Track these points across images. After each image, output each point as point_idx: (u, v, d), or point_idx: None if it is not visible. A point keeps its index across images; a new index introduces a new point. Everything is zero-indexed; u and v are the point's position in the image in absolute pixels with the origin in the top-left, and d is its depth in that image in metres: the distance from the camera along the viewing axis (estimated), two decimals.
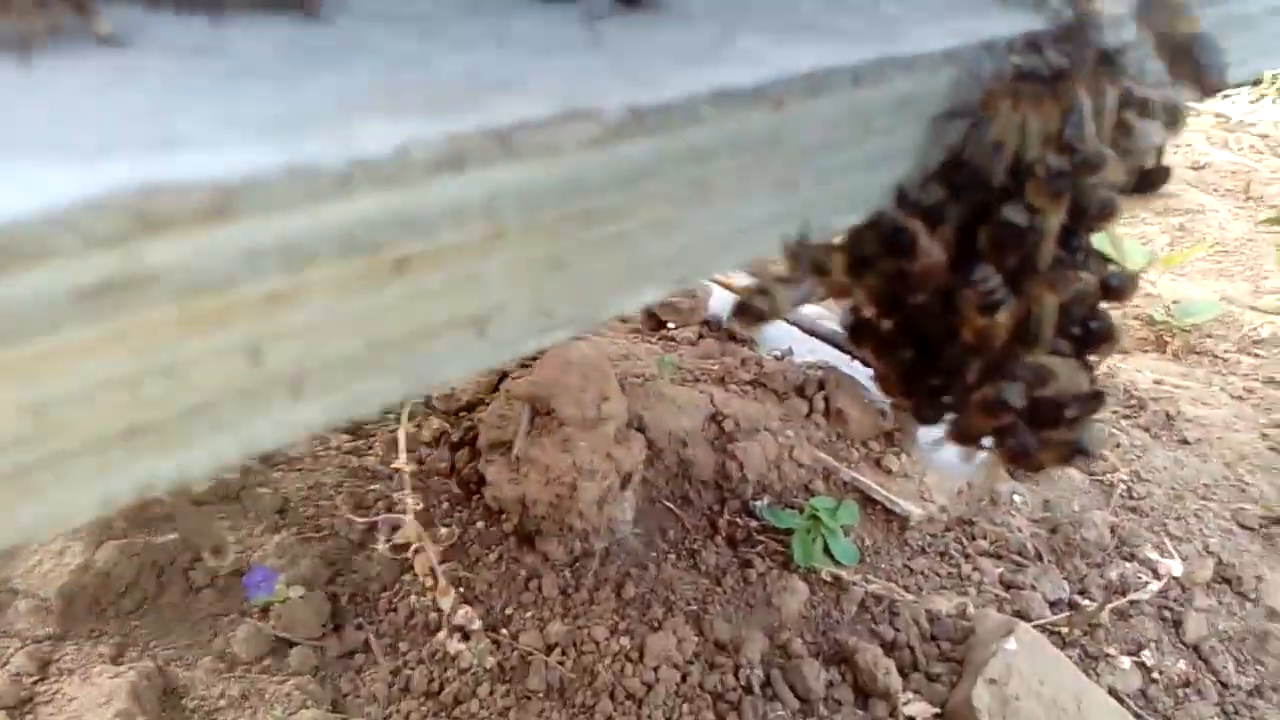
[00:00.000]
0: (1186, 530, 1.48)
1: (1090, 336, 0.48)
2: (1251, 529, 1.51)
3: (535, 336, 0.31)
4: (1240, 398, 1.87)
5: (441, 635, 1.19)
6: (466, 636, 1.20)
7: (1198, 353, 2.01)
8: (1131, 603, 1.31)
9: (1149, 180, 0.49)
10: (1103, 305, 0.49)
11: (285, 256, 0.23)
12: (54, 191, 0.20)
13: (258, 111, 0.25)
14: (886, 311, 0.48)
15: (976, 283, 0.44)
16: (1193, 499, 1.55)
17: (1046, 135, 0.43)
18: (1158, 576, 1.36)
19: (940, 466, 1.49)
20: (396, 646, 1.19)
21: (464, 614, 1.20)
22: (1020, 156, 0.43)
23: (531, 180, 0.27)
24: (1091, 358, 0.50)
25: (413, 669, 1.16)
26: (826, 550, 1.36)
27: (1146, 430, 1.70)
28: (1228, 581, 1.39)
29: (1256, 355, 2.01)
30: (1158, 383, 1.85)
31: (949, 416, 0.51)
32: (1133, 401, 1.77)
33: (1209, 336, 2.05)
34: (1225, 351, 2.00)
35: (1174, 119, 0.47)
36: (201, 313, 0.23)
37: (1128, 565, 1.39)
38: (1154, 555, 1.41)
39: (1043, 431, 0.46)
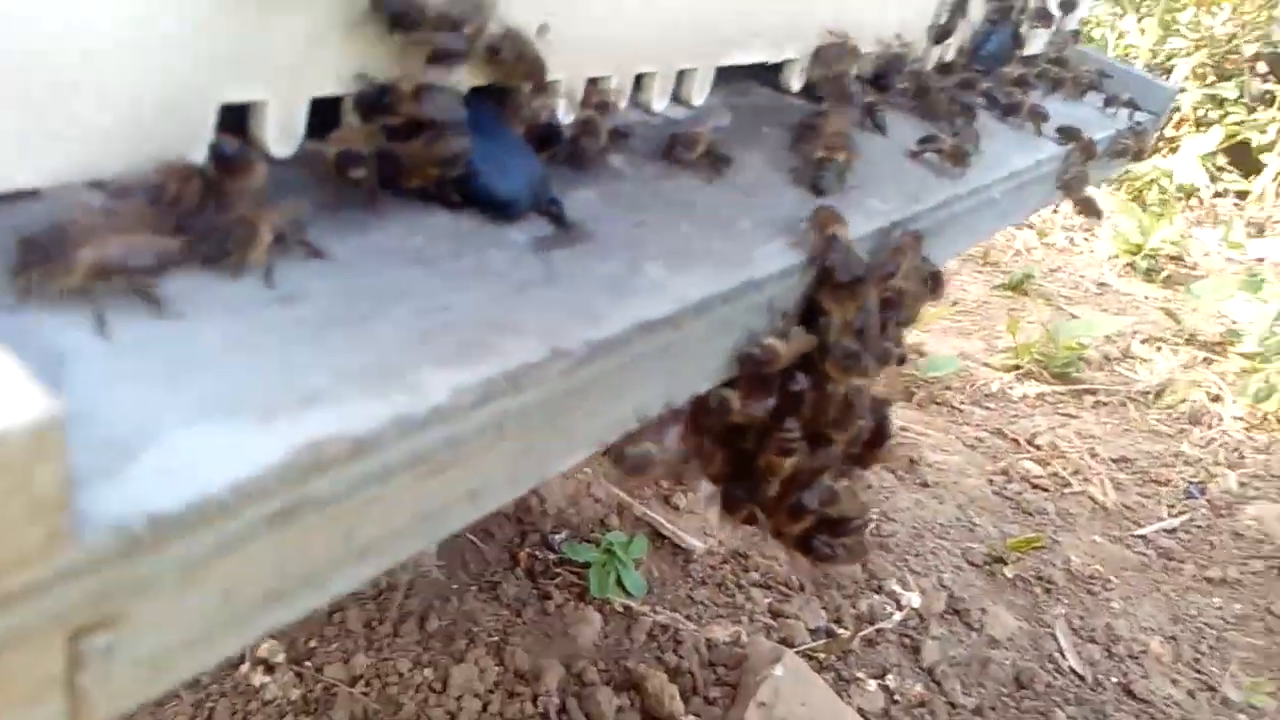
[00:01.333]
0: (925, 566, 1.72)
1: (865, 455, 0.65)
2: (978, 565, 1.77)
3: (506, 496, 0.43)
4: (972, 446, 2.17)
5: (245, 668, 1.23)
6: (271, 669, 1.25)
7: (938, 403, 2.31)
8: (878, 631, 1.53)
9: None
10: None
11: (382, 474, 0.34)
12: (255, 455, 0.30)
13: (354, 361, 0.36)
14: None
15: (781, 431, 0.59)
16: (930, 537, 1.80)
17: (845, 323, 0.59)
18: (900, 607, 1.59)
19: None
20: (199, 680, 1.21)
21: (268, 647, 1.26)
22: (823, 339, 0.59)
23: (526, 402, 0.40)
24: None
25: (215, 701, 1.19)
26: (619, 582, 1.50)
27: (893, 473, 1.96)
28: (957, 613, 1.63)
29: (987, 408, 2.33)
30: (904, 429, 2.12)
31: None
32: None
33: (948, 389, 2.35)
34: (961, 403, 2.31)
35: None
36: (327, 515, 0.33)
37: (876, 597, 1.61)
38: (897, 588, 1.64)
39: (840, 539, 0.62)
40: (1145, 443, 2.32)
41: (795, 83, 0.81)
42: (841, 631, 1.51)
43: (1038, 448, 2.22)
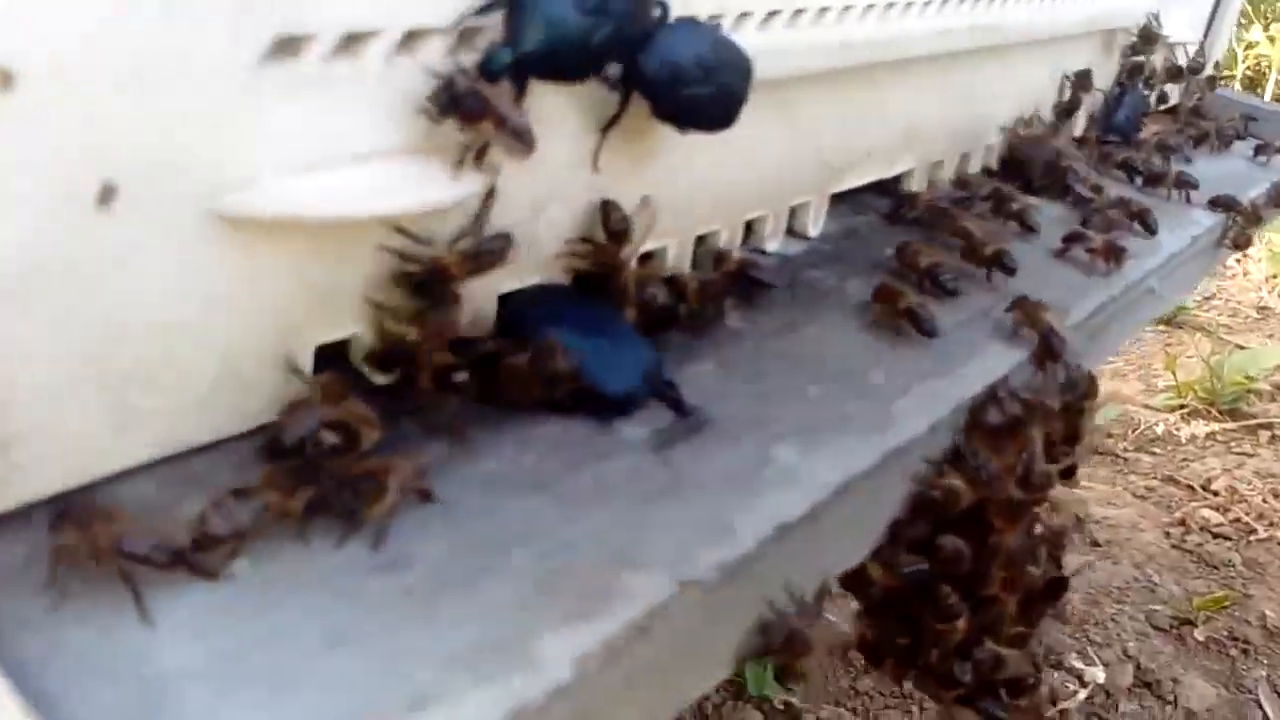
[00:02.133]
0: (1106, 635, 1.59)
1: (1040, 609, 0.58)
2: (1164, 630, 1.62)
3: None
4: (1142, 496, 2.02)
5: None
6: None
7: (1100, 453, 2.15)
8: (1061, 712, 1.41)
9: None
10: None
11: None
12: None
13: (465, 638, 0.33)
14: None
15: (936, 599, 0.54)
16: (1108, 603, 1.66)
17: (1007, 468, 0.53)
18: (1084, 684, 1.46)
19: None
20: None
21: None
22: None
23: (657, 646, 0.36)
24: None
25: None
26: (777, 677, 1.42)
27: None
28: (1148, 685, 1.49)
29: (1153, 453, 2.16)
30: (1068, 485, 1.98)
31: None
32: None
33: (1109, 436, 2.20)
34: (1125, 450, 2.15)
35: None
36: None
37: (1055, 674, 1.49)
38: (1078, 663, 1.51)
39: (1014, 700, 0.56)
40: None
41: (916, 188, 0.77)
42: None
43: (1215, 493, 2.04)
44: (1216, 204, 0.90)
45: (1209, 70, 1.21)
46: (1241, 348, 2.61)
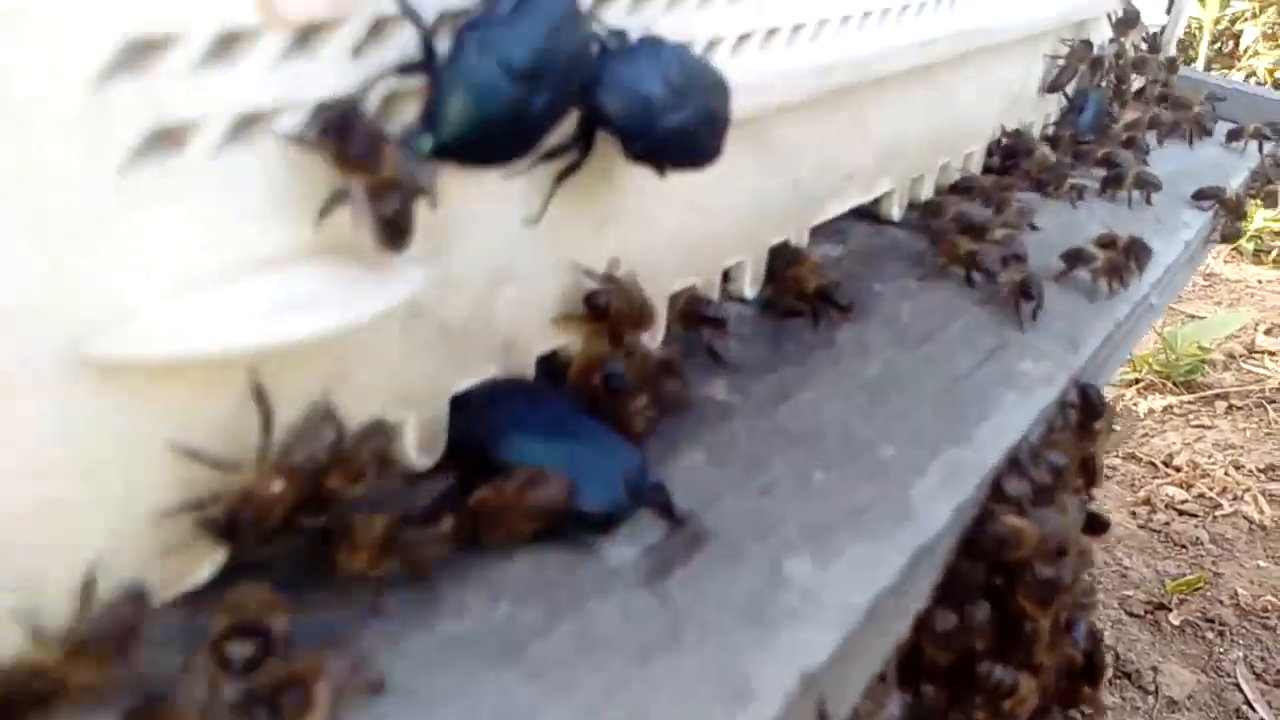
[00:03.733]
0: None
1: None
2: (1139, 616, 1.59)
3: None
4: (1106, 476, 1.99)
5: None
6: None
7: None
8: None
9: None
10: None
11: None
12: None
13: None
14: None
15: (984, 678, 0.48)
16: None
17: (1038, 544, 0.47)
18: None
19: None
20: None
21: None
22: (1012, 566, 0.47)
23: None
24: None
25: None
26: None
27: None
28: (1128, 676, 1.45)
29: (1111, 429, 2.14)
30: None
31: None
32: None
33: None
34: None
35: None
36: None
37: None
38: None
39: None
40: None
41: (896, 212, 0.70)
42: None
43: (1177, 469, 2.02)
44: (1202, 196, 0.85)
45: (1171, 51, 1.16)
46: (1193, 317, 2.60)
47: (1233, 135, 1.06)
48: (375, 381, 0.36)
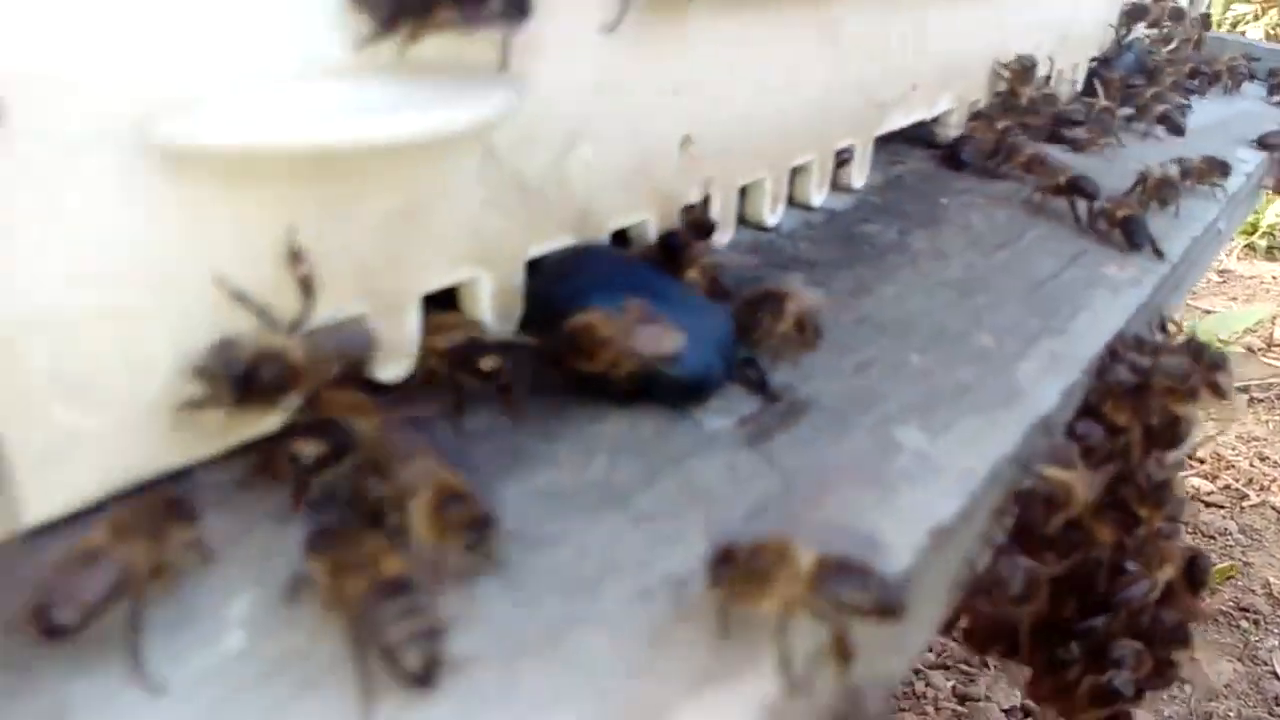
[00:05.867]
0: None
1: None
2: None
3: None
4: None
5: None
6: None
7: None
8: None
9: None
10: None
11: None
12: None
13: None
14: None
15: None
16: None
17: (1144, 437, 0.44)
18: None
19: None
20: None
21: None
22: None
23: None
24: None
25: None
26: None
27: None
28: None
29: None
30: None
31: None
32: None
33: None
34: None
35: None
36: None
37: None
38: None
39: None
40: None
41: (954, 132, 0.67)
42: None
43: (1202, 461, 1.99)
44: (1265, 144, 0.82)
45: (1203, 8, 1.14)
46: (1208, 312, 2.57)
47: (1273, 90, 1.04)
48: (450, 231, 0.33)
